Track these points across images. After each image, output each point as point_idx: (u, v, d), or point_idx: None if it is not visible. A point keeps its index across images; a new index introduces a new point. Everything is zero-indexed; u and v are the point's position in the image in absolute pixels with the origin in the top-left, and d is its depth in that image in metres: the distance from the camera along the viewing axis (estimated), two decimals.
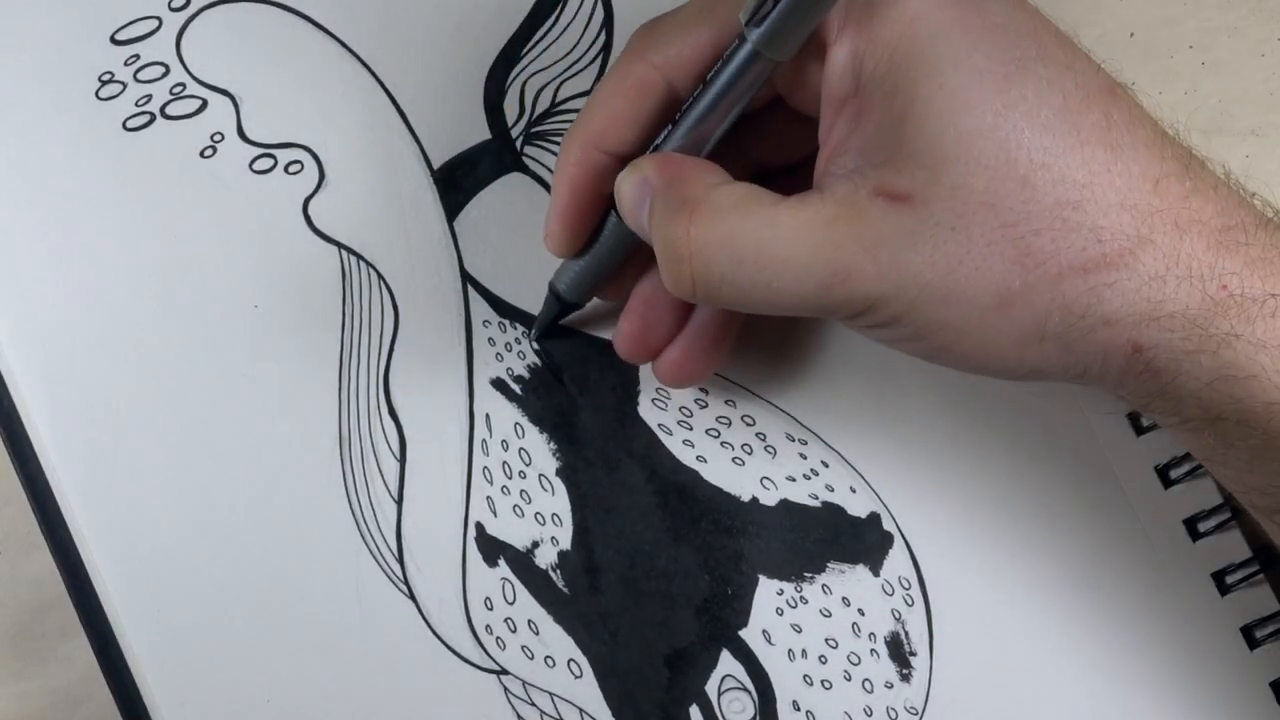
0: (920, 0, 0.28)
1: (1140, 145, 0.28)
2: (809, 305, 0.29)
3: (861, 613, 0.36)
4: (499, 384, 0.37)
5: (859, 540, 0.36)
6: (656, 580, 0.36)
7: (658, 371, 0.34)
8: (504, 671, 0.35)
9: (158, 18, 0.37)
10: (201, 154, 0.37)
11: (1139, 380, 0.29)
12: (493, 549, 0.36)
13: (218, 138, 0.37)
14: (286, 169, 0.37)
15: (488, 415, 0.36)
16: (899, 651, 0.36)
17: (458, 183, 0.37)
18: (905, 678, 0.36)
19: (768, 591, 0.36)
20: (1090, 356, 0.28)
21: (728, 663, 0.36)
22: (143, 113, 0.37)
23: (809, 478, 0.36)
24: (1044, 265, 0.27)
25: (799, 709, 0.35)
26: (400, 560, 0.36)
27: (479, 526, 0.36)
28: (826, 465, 0.36)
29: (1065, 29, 0.29)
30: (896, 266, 0.28)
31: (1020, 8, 0.29)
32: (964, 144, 0.27)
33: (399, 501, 0.36)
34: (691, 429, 0.37)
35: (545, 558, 0.36)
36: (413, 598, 0.35)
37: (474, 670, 0.35)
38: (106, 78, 0.37)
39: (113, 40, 0.37)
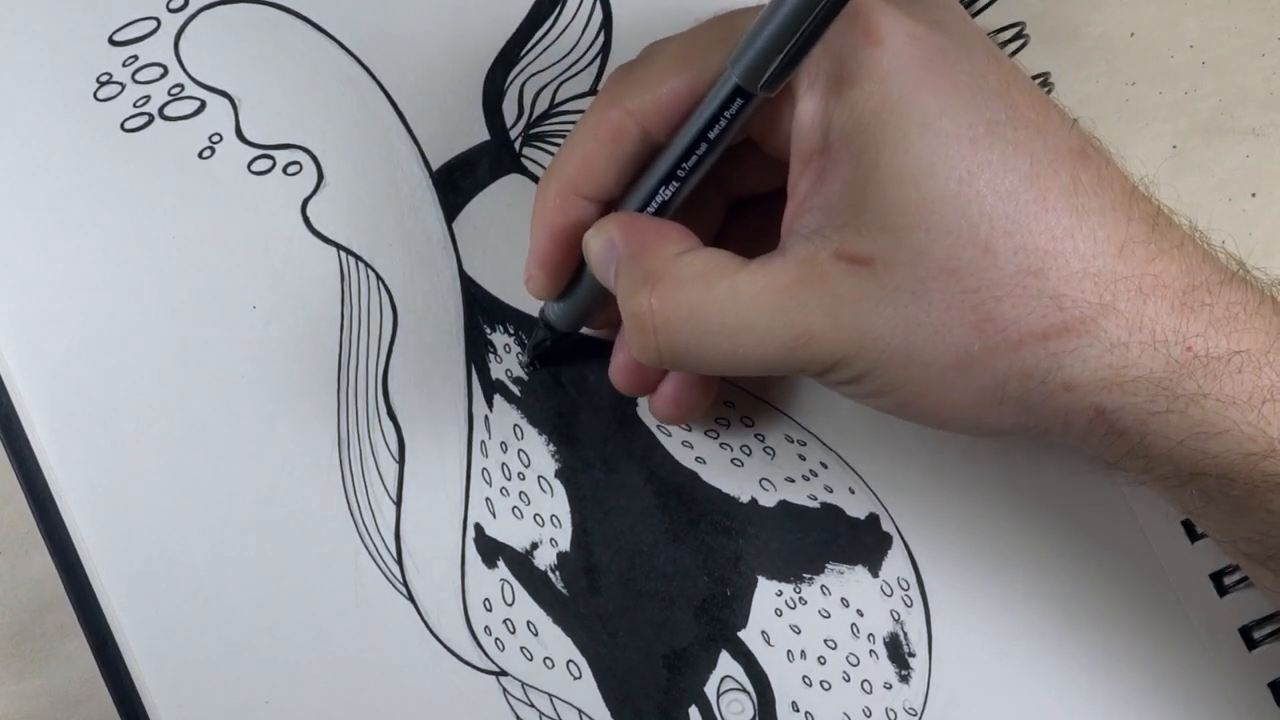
0: (892, 59, 0.27)
1: (1107, 209, 0.28)
2: (774, 367, 0.29)
3: (860, 614, 0.36)
4: (498, 385, 0.37)
5: (858, 541, 0.36)
6: (655, 581, 0.36)
7: (654, 407, 0.34)
8: (503, 673, 0.35)
9: (156, 18, 0.37)
10: (200, 155, 0.37)
11: (1104, 441, 0.29)
12: (492, 550, 0.36)
13: (216, 139, 0.37)
14: (285, 170, 0.37)
15: (486, 417, 0.36)
16: (898, 652, 0.36)
17: (456, 184, 0.37)
18: (904, 679, 0.36)
19: (767, 592, 0.36)
20: (1051, 419, 0.29)
21: (727, 664, 0.36)
22: (141, 113, 0.37)
23: (808, 479, 0.36)
24: (1004, 331, 0.27)
25: (798, 710, 0.35)
26: (399, 562, 0.36)
27: (478, 528, 0.36)
28: (825, 466, 0.36)
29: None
30: (857, 329, 0.28)
31: (993, 63, 0.28)
32: (926, 210, 0.27)
33: (398, 503, 0.36)
34: (690, 430, 0.37)
35: (544, 559, 0.36)
36: (412, 599, 0.35)
37: (473, 671, 0.35)
38: (105, 78, 0.37)
39: (111, 41, 0.37)
